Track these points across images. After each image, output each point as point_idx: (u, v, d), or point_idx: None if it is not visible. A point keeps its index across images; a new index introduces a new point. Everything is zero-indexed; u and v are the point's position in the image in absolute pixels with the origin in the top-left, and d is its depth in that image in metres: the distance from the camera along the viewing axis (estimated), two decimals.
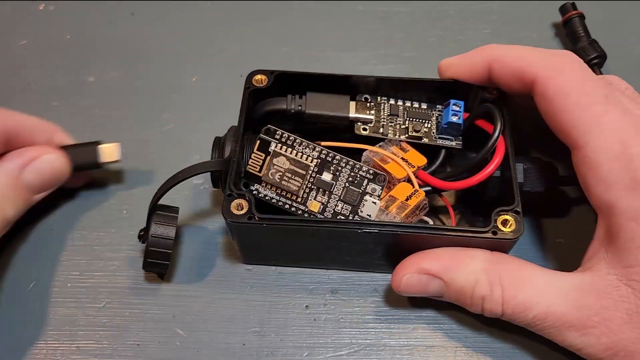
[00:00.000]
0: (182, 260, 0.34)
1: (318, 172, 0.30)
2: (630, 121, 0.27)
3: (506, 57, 0.31)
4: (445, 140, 0.33)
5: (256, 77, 0.33)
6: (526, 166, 0.32)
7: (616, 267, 0.26)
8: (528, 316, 0.27)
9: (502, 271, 0.28)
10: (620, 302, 0.26)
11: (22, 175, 0.31)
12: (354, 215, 0.30)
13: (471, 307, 0.29)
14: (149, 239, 0.31)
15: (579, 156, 0.28)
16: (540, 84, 0.29)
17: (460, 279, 0.28)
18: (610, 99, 0.28)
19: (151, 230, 0.31)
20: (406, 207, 0.30)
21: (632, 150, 0.26)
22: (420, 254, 0.30)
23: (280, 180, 0.30)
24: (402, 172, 0.31)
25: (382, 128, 0.33)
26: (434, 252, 0.29)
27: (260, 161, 0.30)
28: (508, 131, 0.31)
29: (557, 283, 0.28)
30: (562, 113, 0.28)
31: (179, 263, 0.34)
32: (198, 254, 0.34)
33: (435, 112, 0.34)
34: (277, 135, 0.30)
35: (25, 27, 0.45)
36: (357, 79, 0.34)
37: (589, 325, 0.26)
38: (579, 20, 0.43)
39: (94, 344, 0.31)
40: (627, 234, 0.26)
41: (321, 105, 0.33)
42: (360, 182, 0.30)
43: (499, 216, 0.29)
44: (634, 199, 0.26)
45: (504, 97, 0.33)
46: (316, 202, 0.30)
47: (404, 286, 0.29)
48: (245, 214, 0.29)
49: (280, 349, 0.31)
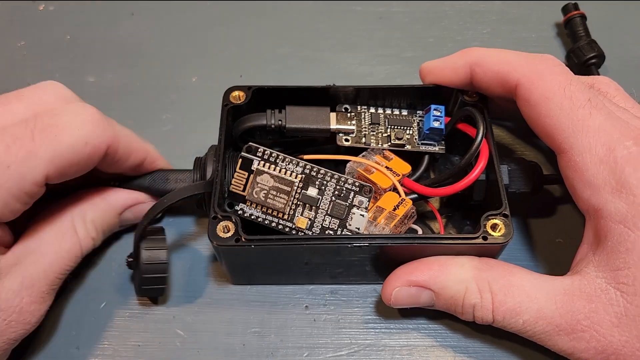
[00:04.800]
0: (182, 260, 0.34)
1: (303, 187, 0.30)
2: (615, 124, 0.27)
3: (488, 61, 0.31)
4: (428, 146, 0.33)
5: (233, 93, 0.33)
6: (511, 167, 0.32)
7: (604, 271, 0.26)
8: (519, 322, 0.27)
9: (491, 278, 0.28)
10: (609, 305, 0.26)
11: (123, 214, 0.33)
12: (343, 229, 0.30)
13: (462, 315, 0.29)
14: (142, 266, 0.30)
15: (564, 160, 0.28)
16: (523, 89, 0.29)
17: (450, 288, 0.28)
18: (593, 102, 0.28)
19: (142, 257, 0.30)
20: (394, 217, 0.30)
21: (616, 153, 0.26)
22: (408, 265, 0.29)
23: (265, 199, 0.29)
24: (388, 182, 0.31)
25: (364, 137, 0.33)
26: (422, 263, 0.29)
27: (243, 180, 0.30)
28: (490, 134, 0.31)
29: (546, 287, 0.27)
30: (546, 117, 0.28)
31: (179, 264, 0.34)
32: (198, 254, 0.34)
33: (416, 118, 0.34)
34: (259, 153, 0.30)
35: (25, 28, 0.45)
36: (336, 89, 0.33)
37: (578, 329, 0.26)
38: (580, 20, 0.43)
39: (94, 345, 0.31)
40: (615, 237, 0.26)
41: (301, 119, 0.32)
42: (347, 195, 0.30)
43: (488, 221, 0.28)
44: (620, 202, 0.26)
45: (484, 100, 0.33)
46: (303, 218, 0.30)
47: (394, 299, 0.29)
48: (232, 236, 0.28)
49: (280, 350, 0.31)
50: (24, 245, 0.29)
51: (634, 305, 0.25)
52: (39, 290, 0.28)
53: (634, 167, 0.26)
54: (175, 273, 0.33)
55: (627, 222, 0.26)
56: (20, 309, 0.27)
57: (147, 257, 0.30)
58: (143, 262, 0.30)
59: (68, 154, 0.27)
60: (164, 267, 0.30)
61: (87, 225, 0.30)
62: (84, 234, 0.30)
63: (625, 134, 0.27)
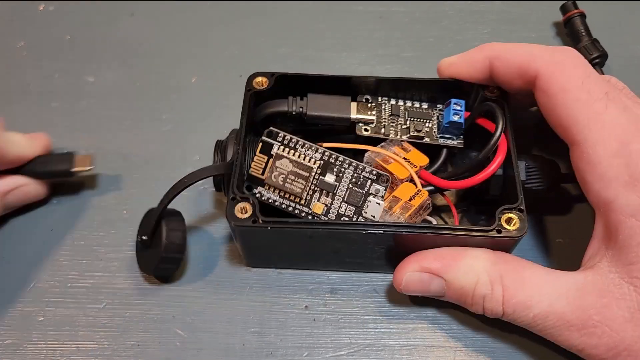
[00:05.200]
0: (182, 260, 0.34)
1: (321, 173, 0.30)
2: (630, 118, 0.27)
3: (508, 54, 0.31)
4: (446, 140, 0.33)
5: (257, 79, 0.33)
6: (528, 164, 0.32)
7: (617, 265, 0.26)
8: (529, 315, 0.27)
9: (503, 270, 0.28)
10: (622, 300, 0.26)
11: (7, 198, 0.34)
12: (358, 216, 0.30)
13: (472, 306, 0.29)
14: (163, 244, 0.31)
15: (577, 152, 0.28)
16: (542, 80, 0.29)
17: (461, 278, 0.28)
18: (610, 95, 0.28)
19: (163, 236, 0.31)
20: (410, 208, 0.30)
21: (631, 147, 0.26)
22: (422, 252, 0.30)
23: (283, 183, 0.30)
24: (405, 172, 0.31)
25: (384, 128, 0.33)
26: (435, 251, 0.29)
27: (262, 164, 0.30)
28: (510, 129, 0.31)
29: (558, 282, 0.27)
30: (563, 109, 0.28)
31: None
32: (198, 255, 0.34)
33: (436, 112, 0.34)
34: (279, 138, 0.30)
35: (25, 28, 0.45)
36: (357, 79, 0.34)
37: (589, 324, 0.26)
38: (580, 19, 0.43)
39: (94, 345, 0.31)
40: (627, 231, 0.26)
41: (322, 107, 0.33)
42: (364, 183, 0.30)
43: (502, 214, 0.29)
44: (632, 196, 0.26)
45: (505, 95, 0.33)
46: (320, 204, 0.30)
47: (405, 284, 0.29)
48: (250, 217, 0.28)
49: (280, 349, 0.31)
50: None
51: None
52: None
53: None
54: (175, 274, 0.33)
55: (639, 216, 0.25)
56: None
57: (169, 236, 0.31)
58: (165, 240, 0.30)
59: None
60: (183, 247, 0.31)
61: None
62: None
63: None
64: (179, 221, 0.32)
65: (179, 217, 0.32)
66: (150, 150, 0.38)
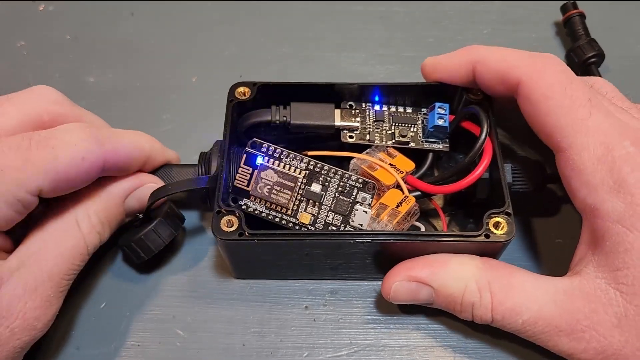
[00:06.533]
0: (182, 260, 0.34)
1: (307, 183, 0.30)
2: (614, 124, 0.27)
3: (490, 59, 0.31)
4: (432, 144, 0.33)
5: (239, 89, 0.33)
6: (514, 166, 0.32)
7: (604, 271, 0.26)
8: (518, 322, 0.27)
9: (491, 277, 0.28)
10: (609, 305, 0.26)
11: (126, 201, 0.31)
12: (346, 225, 0.30)
13: (461, 313, 0.29)
14: (147, 230, 0.30)
15: (562, 159, 0.28)
16: (524, 86, 0.29)
17: (450, 285, 0.28)
18: (593, 101, 0.28)
19: (154, 224, 0.31)
20: (397, 214, 0.30)
21: (615, 153, 0.26)
22: (410, 261, 0.30)
23: (269, 194, 0.30)
24: (391, 179, 0.31)
25: (369, 134, 0.33)
26: (423, 259, 0.29)
27: (247, 175, 0.30)
28: (494, 132, 0.31)
29: (546, 288, 0.27)
30: (546, 116, 0.28)
31: (179, 263, 0.34)
32: (199, 254, 0.34)
33: (420, 116, 0.34)
34: (263, 149, 0.30)
35: (25, 28, 0.45)
36: (340, 86, 0.33)
37: (578, 329, 0.26)
38: (579, 19, 0.43)
39: (94, 344, 0.31)
40: (613, 237, 0.26)
41: (306, 115, 0.33)
42: (350, 191, 0.30)
43: (490, 219, 0.29)
44: (617, 201, 0.26)
45: (489, 98, 0.33)
46: (307, 214, 0.30)
47: (394, 294, 0.29)
48: (236, 230, 0.28)
49: (280, 350, 0.31)
50: (26, 247, 0.28)
51: (633, 305, 0.25)
52: (44, 293, 0.27)
53: (631, 166, 0.26)
54: (175, 272, 0.33)
55: (625, 222, 0.26)
56: (24, 315, 0.26)
57: (157, 227, 0.31)
58: (151, 227, 0.30)
59: (64, 167, 0.27)
60: (160, 245, 0.31)
61: (90, 219, 0.29)
62: (88, 229, 0.29)
63: (623, 134, 0.27)
64: (176, 225, 0.32)
65: (179, 220, 0.32)
66: None
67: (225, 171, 0.30)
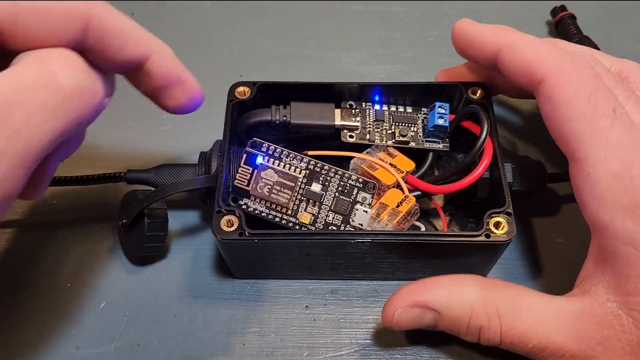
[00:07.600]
0: (182, 259, 0.34)
1: (307, 183, 0.30)
2: (637, 139, 0.25)
3: (519, 47, 0.29)
4: (432, 143, 0.33)
5: (238, 89, 0.33)
6: (514, 165, 0.32)
7: (615, 294, 0.25)
8: (528, 346, 0.27)
9: (497, 299, 0.27)
10: (622, 332, 0.25)
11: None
12: (346, 225, 0.30)
13: (467, 336, 0.28)
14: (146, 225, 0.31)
15: (576, 169, 0.26)
16: (548, 85, 0.27)
17: (455, 308, 0.27)
18: (618, 112, 0.26)
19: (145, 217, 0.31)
20: (397, 214, 0.30)
21: (633, 171, 0.25)
22: (410, 286, 0.28)
23: (269, 194, 0.30)
24: (391, 178, 0.31)
25: (369, 134, 0.33)
26: (424, 283, 0.28)
27: (247, 175, 0.30)
28: (495, 131, 0.31)
29: (556, 310, 0.27)
30: (565, 121, 0.26)
31: (179, 262, 0.34)
32: (199, 254, 0.34)
33: (420, 115, 0.34)
34: (263, 148, 0.30)
35: None
36: (340, 86, 0.33)
37: (590, 355, 0.25)
38: (570, 18, 0.43)
39: (94, 344, 0.31)
40: (624, 260, 0.25)
41: (306, 115, 0.32)
42: (350, 191, 0.30)
43: (490, 218, 0.28)
44: (629, 223, 0.25)
45: (489, 97, 0.33)
46: (307, 214, 0.30)
47: (397, 321, 0.28)
48: (236, 230, 0.28)
49: (280, 349, 0.31)
50: None
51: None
52: None
53: None
54: (175, 272, 0.33)
55: (637, 245, 0.24)
56: None
57: (151, 215, 0.31)
58: (147, 221, 0.30)
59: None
60: (165, 225, 0.31)
61: None
62: None
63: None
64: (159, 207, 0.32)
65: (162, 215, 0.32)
66: (151, 149, 0.38)
67: (225, 171, 0.30)
